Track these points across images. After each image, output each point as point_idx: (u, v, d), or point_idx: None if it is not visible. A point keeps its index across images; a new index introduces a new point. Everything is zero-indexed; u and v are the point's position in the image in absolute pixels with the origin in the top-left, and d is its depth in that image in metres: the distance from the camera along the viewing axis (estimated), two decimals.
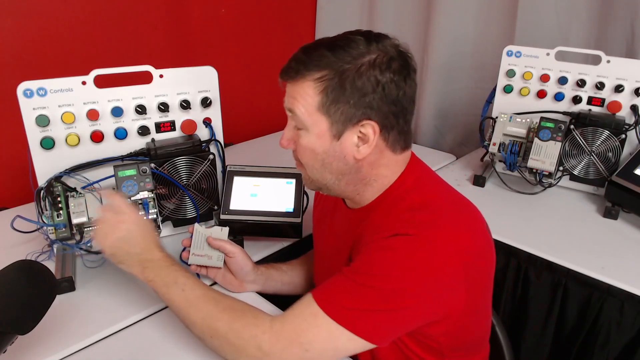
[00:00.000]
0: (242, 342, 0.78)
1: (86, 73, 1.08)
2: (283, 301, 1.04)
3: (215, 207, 1.25)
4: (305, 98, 0.79)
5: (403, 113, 0.81)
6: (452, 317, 0.80)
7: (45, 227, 1.07)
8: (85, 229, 1.07)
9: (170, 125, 1.19)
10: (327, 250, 1.02)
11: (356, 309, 0.75)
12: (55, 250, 1.11)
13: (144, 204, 1.07)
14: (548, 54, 1.46)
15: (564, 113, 1.44)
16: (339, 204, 0.97)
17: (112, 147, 1.14)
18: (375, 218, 0.86)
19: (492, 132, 1.48)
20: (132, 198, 1.07)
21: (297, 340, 0.76)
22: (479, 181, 1.51)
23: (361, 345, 0.76)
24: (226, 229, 1.04)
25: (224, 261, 1.02)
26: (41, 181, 1.09)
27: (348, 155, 0.82)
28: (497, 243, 1.06)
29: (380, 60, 0.78)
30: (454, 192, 0.90)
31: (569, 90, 1.45)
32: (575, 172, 1.44)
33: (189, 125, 1.20)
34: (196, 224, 1.02)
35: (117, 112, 1.12)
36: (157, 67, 1.15)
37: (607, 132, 1.37)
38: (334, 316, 0.75)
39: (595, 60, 1.41)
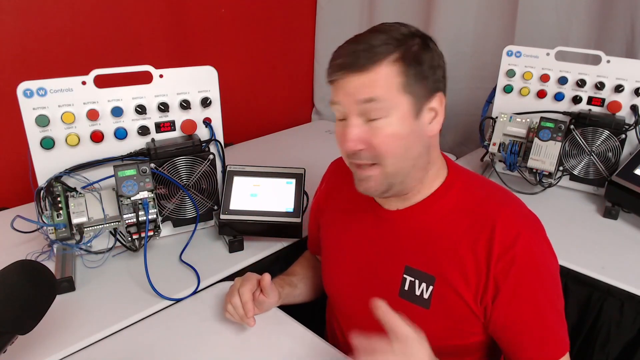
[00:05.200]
0: None
1: (86, 73, 1.08)
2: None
3: (215, 207, 1.25)
4: (386, 81, 0.77)
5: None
6: None
7: (45, 227, 1.07)
8: (85, 229, 1.07)
9: (170, 125, 1.19)
10: (355, 256, 0.95)
11: (564, 326, 0.82)
12: (55, 250, 1.11)
13: (143, 204, 1.07)
14: (548, 54, 1.46)
15: (564, 113, 1.44)
16: (372, 206, 0.93)
17: (112, 147, 1.14)
18: (451, 221, 0.84)
19: (492, 132, 1.48)
20: (132, 198, 1.07)
21: None
22: None
23: None
24: None
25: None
26: (41, 181, 1.09)
27: (424, 133, 0.82)
28: None
29: (427, 38, 0.81)
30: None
31: (569, 90, 1.45)
32: (575, 172, 1.44)
33: (189, 125, 1.20)
34: None
35: (117, 112, 1.12)
36: (157, 67, 1.15)
37: (607, 132, 1.37)
38: (565, 350, 0.81)
39: (595, 60, 1.41)
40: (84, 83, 1.08)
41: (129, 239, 1.09)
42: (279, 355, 0.90)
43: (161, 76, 1.15)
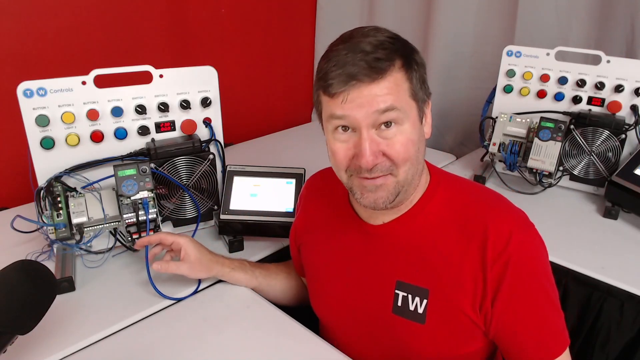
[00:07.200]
0: None
1: (86, 73, 1.08)
2: None
3: (215, 207, 1.25)
4: (399, 87, 0.74)
5: None
6: None
7: (45, 227, 1.07)
8: (85, 229, 1.07)
9: (170, 125, 1.19)
10: (343, 277, 0.92)
11: (561, 318, 0.81)
12: (55, 250, 1.11)
13: (143, 204, 1.07)
14: (548, 54, 1.46)
15: (564, 113, 1.44)
16: (357, 223, 0.90)
17: (112, 147, 1.14)
18: (440, 229, 0.82)
19: (492, 132, 1.48)
20: (132, 198, 1.07)
21: None
22: (479, 181, 1.51)
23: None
24: None
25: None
26: (41, 181, 1.09)
27: (424, 137, 0.81)
28: None
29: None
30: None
31: (569, 90, 1.45)
32: (575, 172, 1.44)
33: (189, 125, 1.20)
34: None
35: (117, 112, 1.12)
36: (157, 67, 1.15)
37: (607, 132, 1.37)
38: (565, 345, 0.80)
39: (595, 60, 1.41)
40: (84, 83, 1.08)
41: (129, 239, 1.09)
42: (279, 355, 0.89)
43: (161, 76, 1.15)
